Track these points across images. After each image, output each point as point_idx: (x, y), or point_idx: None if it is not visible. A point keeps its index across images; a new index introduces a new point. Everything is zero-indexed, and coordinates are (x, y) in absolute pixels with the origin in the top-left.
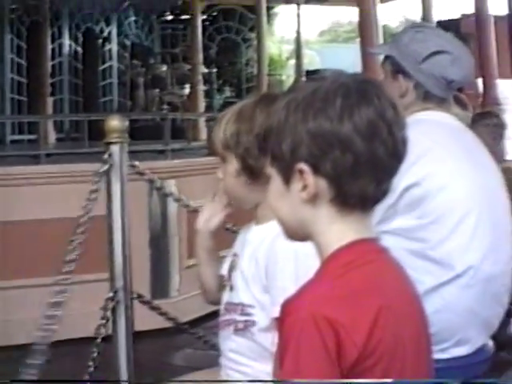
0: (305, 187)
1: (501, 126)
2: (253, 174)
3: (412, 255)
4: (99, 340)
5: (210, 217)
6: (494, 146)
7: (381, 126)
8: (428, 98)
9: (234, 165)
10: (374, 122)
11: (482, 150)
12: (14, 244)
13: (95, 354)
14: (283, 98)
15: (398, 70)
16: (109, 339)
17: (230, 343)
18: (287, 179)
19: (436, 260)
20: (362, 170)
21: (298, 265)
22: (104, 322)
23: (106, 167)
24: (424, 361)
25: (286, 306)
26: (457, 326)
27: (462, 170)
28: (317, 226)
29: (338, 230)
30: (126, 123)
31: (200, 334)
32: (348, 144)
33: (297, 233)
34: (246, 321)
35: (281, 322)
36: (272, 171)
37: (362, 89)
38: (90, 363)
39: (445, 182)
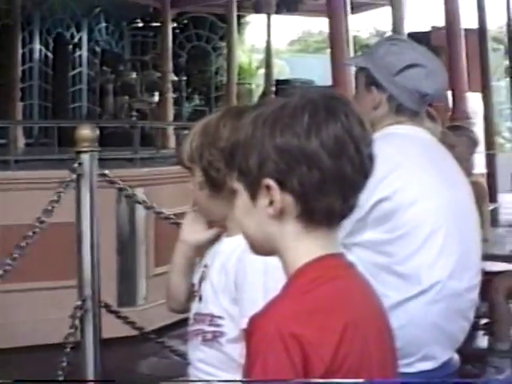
0: (271, 203)
1: (474, 142)
2: (215, 186)
3: (378, 269)
4: (68, 349)
5: (194, 227)
6: (466, 159)
7: (348, 143)
8: (401, 111)
9: (198, 177)
10: (341, 138)
11: (453, 165)
12: None
13: (64, 364)
14: (251, 112)
15: (371, 82)
16: (77, 346)
17: (199, 353)
18: (254, 195)
19: (402, 275)
20: (329, 186)
21: (267, 277)
22: (73, 330)
23: (74, 176)
24: (390, 375)
25: (254, 321)
26: (422, 341)
27: (432, 186)
28: (283, 242)
29: (305, 246)
30: (97, 132)
31: (166, 342)
32: (315, 160)
33: (263, 247)
34: (214, 331)
35: (248, 337)
36: (238, 186)
37: (330, 105)
38: (60, 372)
39: (415, 198)
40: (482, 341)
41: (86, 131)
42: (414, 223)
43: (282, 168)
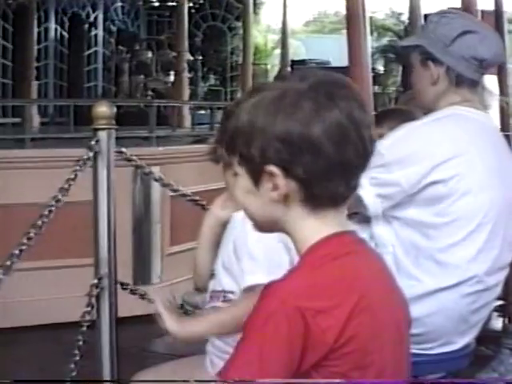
0: (275, 188)
1: None
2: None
3: (418, 251)
4: (84, 328)
5: (225, 204)
6: None
7: (349, 129)
8: (461, 83)
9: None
10: (342, 124)
11: (509, 158)
12: None
13: (81, 343)
14: (249, 97)
15: (427, 57)
16: (92, 325)
17: None
18: (256, 180)
19: (442, 263)
20: (333, 172)
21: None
22: (89, 309)
23: (91, 154)
24: (403, 346)
25: (265, 291)
26: (446, 330)
27: (489, 179)
28: (289, 224)
29: (312, 226)
30: (114, 110)
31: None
32: (317, 148)
33: (269, 226)
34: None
35: (258, 302)
36: (240, 170)
37: (330, 91)
38: (76, 351)
39: (470, 188)
40: (497, 322)
41: (104, 108)
42: (464, 213)
43: (285, 156)
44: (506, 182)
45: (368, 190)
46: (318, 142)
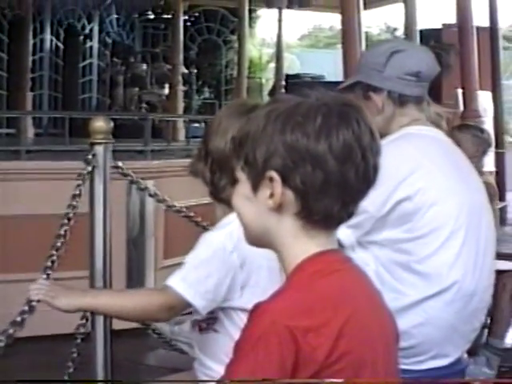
0: (271, 195)
1: (483, 141)
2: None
3: (397, 266)
4: (79, 340)
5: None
6: (478, 160)
7: (355, 150)
8: (405, 102)
9: None
10: (349, 145)
11: (468, 166)
12: None
13: (75, 355)
14: (265, 106)
15: (367, 90)
16: (87, 337)
17: (198, 345)
18: (256, 185)
19: (421, 273)
20: (330, 189)
21: (207, 250)
22: (84, 321)
23: (89, 168)
24: (393, 361)
25: (255, 310)
26: (436, 341)
27: (452, 187)
28: (280, 238)
29: (302, 244)
30: (111, 124)
31: (168, 338)
32: (320, 162)
33: (258, 238)
34: (208, 318)
35: (248, 321)
36: (241, 175)
37: (344, 111)
38: (70, 364)
39: (435, 199)
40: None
41: (101, 123)
42: (435, 224)
43: (287, 164)
44: (469, 188)
45: None
46: (323, 155)
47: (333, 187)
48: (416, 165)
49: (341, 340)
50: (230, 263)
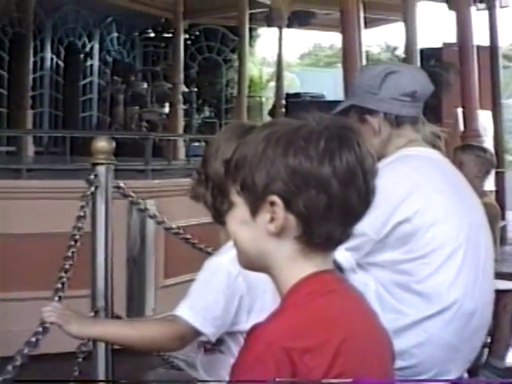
0: (272, 220)
1: (490, 162)
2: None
3: (397, 287)
4: (80, 359)
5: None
6: (481, 180)
7: (358, 173)
8: (401, 123)
9: None
10: (352, 168)
11: (466, 186)
12: None
13: (76, 373)
14: (262, 129)
15: (362, 113)
16: (88, 356)
17: (203, 366)
18: (255, 210)
19: (421, 293)
20: (334, 213)
21: (214, 276)
22: (85, 340)
23: (92, 188)
24: (389, 382)
25: (251, 332)
26: (437, 360)
27: (450, 207)
28: (277, 260)
29: (299, 266)
30: (113, 145)
31: (169, 356)
32: (325, 186)
33: (253, 262)
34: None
35: (245, 344)
36: (237, 199)
37: (344, 134)
38: (71, 382)
39: (434, 219)
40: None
41: (103, 143)
42: (434, 244)
43: (290, 188)
44: (468, 207)
45: None
46: (327, 179)
47: (336, 211)
48: (414, 186)
49: (337, 361)
50: (236, 288)
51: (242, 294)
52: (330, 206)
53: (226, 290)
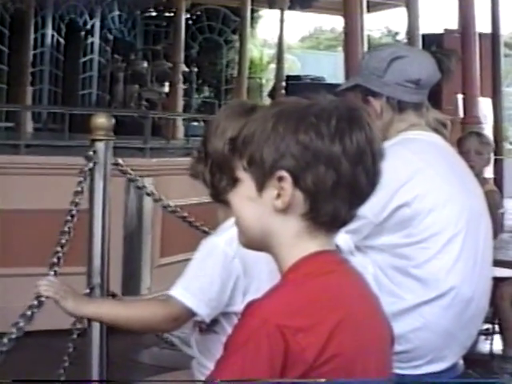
0: (279, 196)
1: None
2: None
3: (395, 271)
4: (75, 336)
5: None
6: (482, 167)
7: (367, 154)
8: (404, 108)
9: None
10: (362, 148)
11: (468, 172)
12: None
13: (71, 350)
14: (270, 107)
15: (366, 94)
16: (83, 333)
17: (198, 345)
18: (262, 186)
19: (420, 278)
20: (341, 191)
21: (209, 258)
22: (80, 317)
23: (91, 165)
24: (387, 365)
25: (247, 308)
26: (433, 345)
27: (451, 192)
28: (281, 237)
29: (303, 244)
30: (113, 121)
31: (164, 335)
32: (334, 163)
33: (255, 240)
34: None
35: (240, 319)
36: (244, 175)
37: (356, 115)
38: (66, 358)
39: (434, 204)
40: (484, 346)
41: (102, 120)
42: (433, 229)
43: (300, 164)
44: (468, 193)
45: None
46: (337, 156)
47: (343, 189)
48: (414, 170)
49: (331, 342)
50: (232, 269)
51: (237, 275)
52: (338, 184)
53: (222, 271)
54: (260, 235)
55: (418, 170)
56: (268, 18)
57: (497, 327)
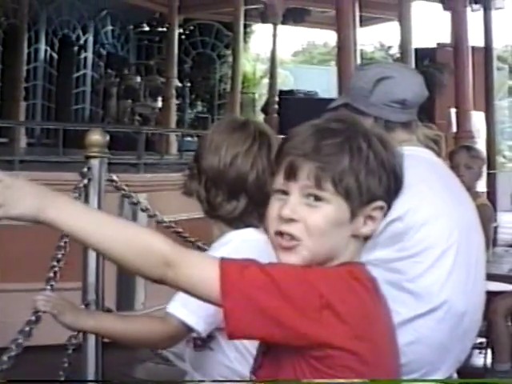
0: (366, 223)
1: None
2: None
3: (388, 285)
4: (70, 351)
5: None
6: (472, 181)
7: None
8: (392, 128)
9: None
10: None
11: (459, 185)
12: None
13: (66, 365)
14: (355, 136)
15: (355, 112)
16: (78, 348)
17: (191, 361)
18: (355, 213)
19: (413, 292)
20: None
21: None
22: (75, 333)
23: (85, 181)
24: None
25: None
26: (428, 359)
27: (443, 206)
28: (342, 257)
29: (352, 259)
30: (107, 138)
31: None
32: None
33: (318, 258)
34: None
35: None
36: (334, 198)
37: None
38: (61, 373)
39: (426, 218)
40: (478, 360)
41: (97, 136)
42: (426, 243)
43: (389, 194)
44: (460, 207)
45: None
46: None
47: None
48: (406, 185)
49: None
50: None
51: None
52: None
53: None
54: (327, 254)
55: (409, 185)
56: (261, 32)
57: None
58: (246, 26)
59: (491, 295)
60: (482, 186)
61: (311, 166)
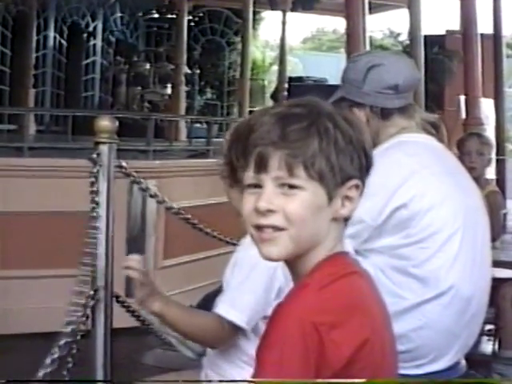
0: (344, 205)
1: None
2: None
3: (395, 271)
4: (79, 337)
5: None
6: (484, 168)
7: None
8: (389, 114)
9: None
10: None
11: (463, 171)
12: None
13: (74, 351)
14: (333, 116)
15: (351, 105)
16: (87, 335)
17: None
18: (331, 195)
19: (419, 277)
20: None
21: (251, 271)
22: (84, 319)
23: (97, 167)
24: (396, 365)
25: (277, 311)
26: (435, 344)
27: (447, 192)
28: (326, 242)
29: (334, 246)
30: (116, 124)
31: (167, 336)
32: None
33: (303, 246)
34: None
35: (269, 323)
36: (308, 184)
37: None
38: (69, 359)
39: (431, 204)
40: (487, 346)
41: (106, 122)
42: (431, 229)
43: (365, 169)
44: (464, 192)
45: None
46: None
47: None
48: (409, 172)
49: (363, 337)
50: (275, 280)
51: (280, 285)
52: None
53: (266, 284)
54: (310, 241)
55: (413, 172)
56: (270, 19)
57: None
58: (255, 13)
59: (500, 282)
60: (491, 172)
61: (281, 154)
